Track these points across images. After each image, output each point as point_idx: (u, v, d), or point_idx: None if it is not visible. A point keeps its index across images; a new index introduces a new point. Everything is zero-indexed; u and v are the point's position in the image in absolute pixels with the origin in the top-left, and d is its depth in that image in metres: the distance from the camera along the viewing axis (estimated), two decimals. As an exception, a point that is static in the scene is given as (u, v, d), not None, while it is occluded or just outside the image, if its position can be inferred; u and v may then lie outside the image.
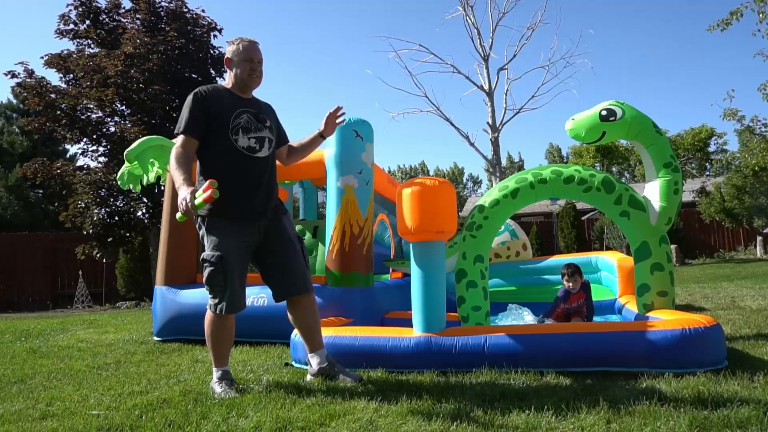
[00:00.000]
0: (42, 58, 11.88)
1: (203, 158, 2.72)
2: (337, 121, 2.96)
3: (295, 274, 2.75)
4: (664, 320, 2.84)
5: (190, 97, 2.68)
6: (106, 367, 3.46)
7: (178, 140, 2.65)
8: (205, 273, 2.61)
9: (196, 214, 2.52)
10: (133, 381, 2.97)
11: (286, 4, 75.84)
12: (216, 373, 2.67)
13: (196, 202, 2.35)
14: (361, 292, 4.00)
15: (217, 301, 2.62)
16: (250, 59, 2.72)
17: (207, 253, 2.62)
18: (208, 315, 2.69)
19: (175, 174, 2.52)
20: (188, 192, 2.36)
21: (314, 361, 2.78)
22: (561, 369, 2.73)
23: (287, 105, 76.34)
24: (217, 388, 2.59)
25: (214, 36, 13.02)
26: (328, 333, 3.10)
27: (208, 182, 2.32)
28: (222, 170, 2.64)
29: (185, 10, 12.63)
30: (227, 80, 2.82)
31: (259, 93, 2.91)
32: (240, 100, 2.75)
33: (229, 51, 2.77)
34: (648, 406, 2.11)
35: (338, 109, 2.93)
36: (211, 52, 12.82)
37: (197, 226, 2.71)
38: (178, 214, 2.40)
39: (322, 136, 2.97)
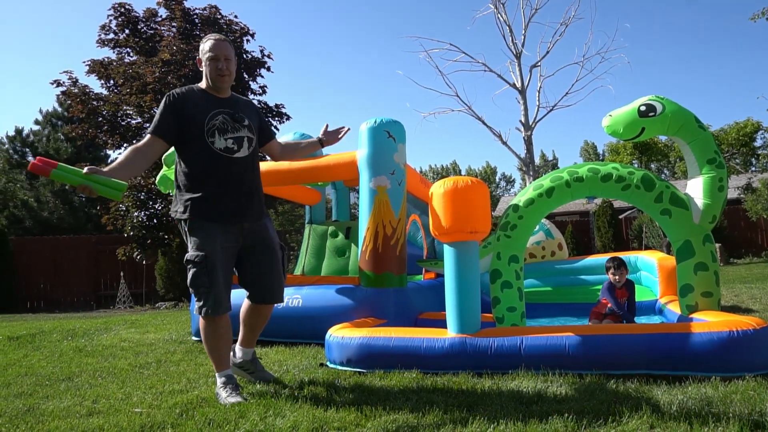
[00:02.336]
0: (84, 63, 12.34)
1: (182, 161, 2.68)
2: (339, 136, 3.04)
3: (273, 285, 2.77)
4: (710, 322, 2.74)
5: (164, 98, 2.66)
6: (147, 366, 3.56)
7: (144, 139, 2.63)
8: (189, 274, 2.56)
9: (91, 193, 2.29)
10: (174, 380, 3.05)
11: (317, 6, 76.61)
12: (219, 379, 2.59)
13: (99, 188, 2.26)
14: (394, 292, 4.00)
15: (202, 303, 2.55)
16: (215, 57, 2.66)
17: (190, 254, 2.57)
18: (201, 321, 2.63)
19: (118, 161, 2.53)
20: (94, 169, 2.27)
21: (239, 354, 2.88)
22: (601, 371, 2.66)
23: (318, 105, 77.05)
24: (222, 393, 2.53)
25: (247, 41, 13.25)
26: (361, 334, 3.11)
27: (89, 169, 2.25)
28: (201, 172, 2.62)
29: (219, 16, 12.90)
30: (202, 81, 2.76)
31: (288, 92, 2.91)
32: (215, 100, 2.70)
33: (199, 51, 2.74)
34: (694, 410, 2.03)
35: (345, 131, 3.05)
36: (244, 56, 13.06)
37: (180, 229, 2.70)
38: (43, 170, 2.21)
39: (320, 143, 3.03)
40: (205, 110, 2.64)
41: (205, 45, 2.69)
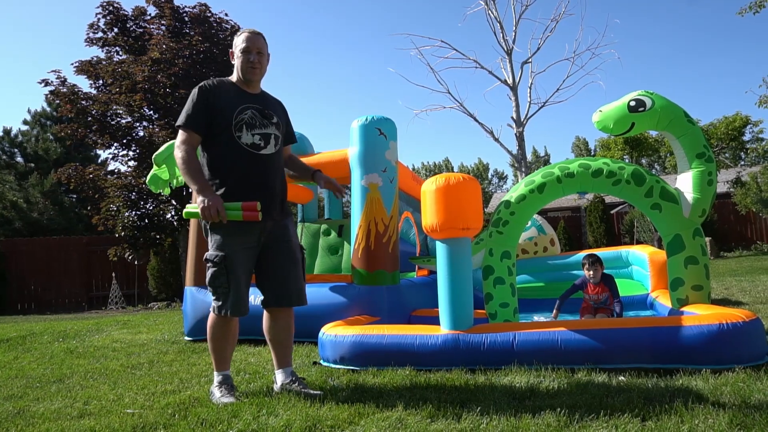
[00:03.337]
0: (72, 65, 12.23)
1: (207, 155, 2.62)
2: (330, 187, 2.84)
3: (291, 287, 2.65)
4: (700, 315, 2.76)
5: (195, 90, 2.60)
6: (139, 366, 3.54)
7: (181, 136, 2.55)
8: (208, 274, 2.52)
9: (225, 221, 2.45)
10: (166, 380, 3.03)
11: (307, 4, 76.31)
12: (217, 378, 2.58)
13: (230, 214, 2.42)
14: (387, 290, 4.00)
15: (220, 303, 2.52)
16: (247, 50, 2.63)
17: (210, 253, 2.53)
18: (212, 317, 2.59)
19: (192, 176, 2.48)
20: (217, 199, 2.41)
21: (279, 378, 2.65)
22: (593, 366, 2.68)
23: (310, 103, 76.79)
24: (216, 392, 2.52)
25: (238, 39, 13.17)
26: (355, 332, 3.11)
27: (256, 203, 2.44)
28: (226, 168, 2.56)
29: (209, 14, 12.81)
30: (233, 74, 2.73)
31: (280, 91, 2.85)
32: (245, 94, 2.66)
33: (233, 44, 2.72)
34: (685, 403, 2.05)
35: (342, 194, 2.90)
36: (235, 54, 12.99)
37: (202, 226, 2.63)
38: (186, 210, 2.44)
39: (312, 177, 2.87)
40: (234, 104, 2.60)
41: (239, 37, 2.67)
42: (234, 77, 2.71)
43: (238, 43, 2.66)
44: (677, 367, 2.59)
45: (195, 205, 2.49)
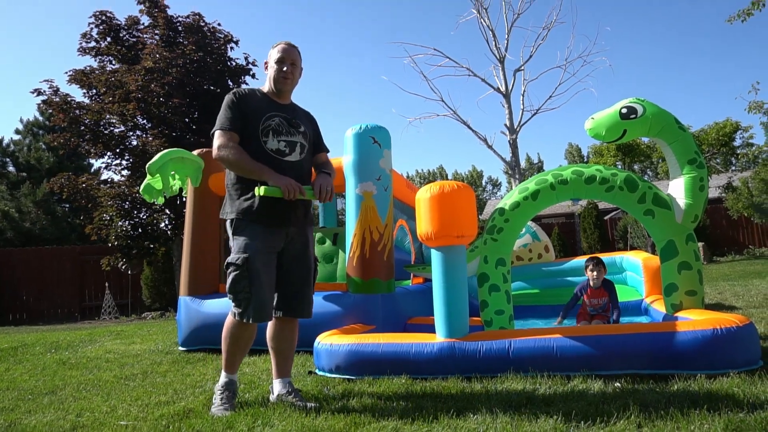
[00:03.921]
0: (66, 73, 12.20)
1: None
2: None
3: (305, 298, 2.69)
4: (694, 320, 2.77)
5: (229, 96, 2.68)
6: (133, 377, 3.51)
7: (223, 137, 2.57)
8: (229, 279, 2.49)
9: (305, 196, 2.54)
10: (160, 391, 3.00)
11: (300, 12, 76.61)
12: (222, 378, 2.58)
13: (308, 193, 2.52)
14: (382, 298, 3.99)
15: (241, 309, 2.47)
16: (281, 61, 2.71)
17: (232, 256, 2.51)
18: (230, 319, 2.56)
19: (254, 167, 2.51)
20: (293, 180, 2.50)
21: (277, 388, 2.64)
22: (588, 372, 2.68)
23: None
24: (217, 398, 2.51)
25: (231, 48, 13.17)
26: (350, 341, 3.10)
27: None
28: None
29: (202, 23, 12.82)
30: (265, 84, 2.80)
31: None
32: (274, 104, 2.73)
33: (268, 55, 2.79)
34: (680, 409, 2.05)
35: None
36: (229, 64, 12.98)
37: (227, 230, 2.64)
38: (264, 188, 2.44)
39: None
40: (262, 111, 2.67)
41: (275, 48, 2.74)
42: (266, 87, 2.78)
43: (273, 54, 2.73)
44: (672, 372, 2.59)
45: (270, 186, 2.47)
